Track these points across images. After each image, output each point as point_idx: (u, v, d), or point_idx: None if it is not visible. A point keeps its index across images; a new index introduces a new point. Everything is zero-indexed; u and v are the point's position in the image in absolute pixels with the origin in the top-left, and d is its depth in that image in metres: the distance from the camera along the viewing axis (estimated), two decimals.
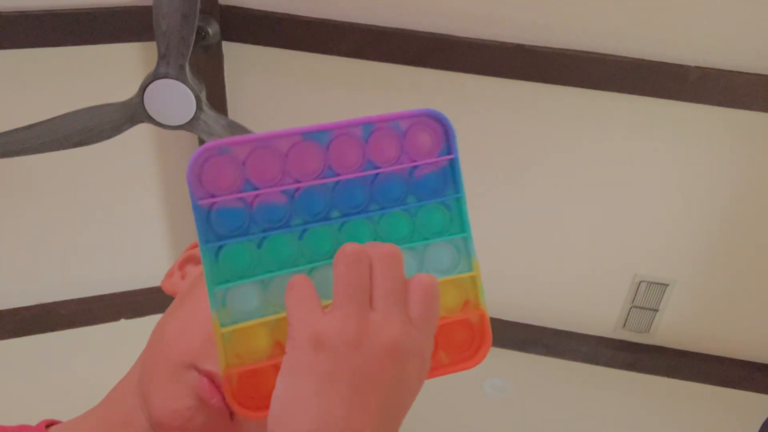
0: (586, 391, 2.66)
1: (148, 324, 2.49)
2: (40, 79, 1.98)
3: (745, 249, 2.12)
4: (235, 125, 1.76)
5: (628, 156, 2.01)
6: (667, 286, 2.24)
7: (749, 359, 2.36)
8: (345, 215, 0.51)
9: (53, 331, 2.45)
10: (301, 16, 1.88)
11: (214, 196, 0.49)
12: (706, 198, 2.04)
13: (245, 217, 0.50)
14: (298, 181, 0.50)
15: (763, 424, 2.49)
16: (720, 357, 2.37)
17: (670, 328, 2.36)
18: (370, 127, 0.50)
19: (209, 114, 1.76)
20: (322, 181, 0.50)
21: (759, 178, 1.97)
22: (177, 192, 2.31)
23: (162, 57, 1.67)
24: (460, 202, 0.53)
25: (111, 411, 0.66)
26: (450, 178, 0.52)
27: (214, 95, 1.98)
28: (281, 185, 0.50)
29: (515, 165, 2.09)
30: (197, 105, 1.74)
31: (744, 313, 2.27)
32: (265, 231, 0.50)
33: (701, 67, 1.78)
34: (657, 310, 2.31)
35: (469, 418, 2.90)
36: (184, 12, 1.60)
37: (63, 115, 1.73)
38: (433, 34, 1.85)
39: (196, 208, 0.48)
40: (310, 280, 0.48)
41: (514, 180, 2.12)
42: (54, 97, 1.96)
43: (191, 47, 1.66)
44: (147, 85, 1.70)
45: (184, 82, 1.70)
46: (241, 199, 0.49)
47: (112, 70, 1.99)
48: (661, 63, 1.79)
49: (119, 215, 2.32)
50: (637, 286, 2.26)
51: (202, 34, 1.84)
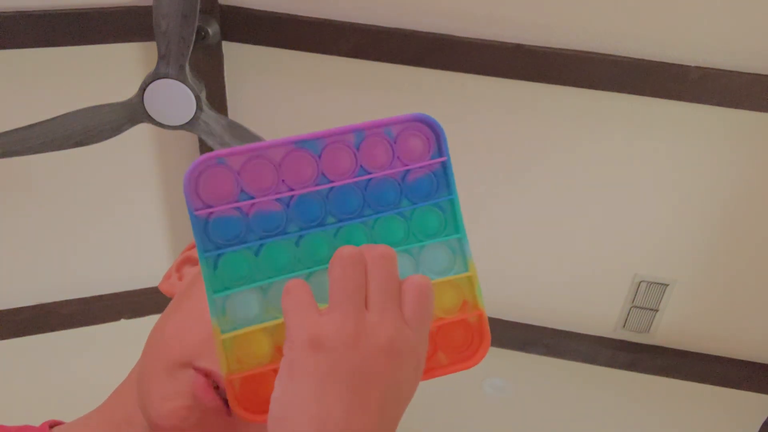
0: (586, 391, 2.66)
1: (148, 324, 2.49)
2: (40, 79, 1.98)
3: (745, 249, 2.12)
4: (235, 125, 1.76)
5: (628, 156, 2.01)
6: (667, 286, 2.24)
7: (749, 359, 2.36)
8: (340, 221, 0.52)
9: (53, 331, 2.45)
10: (301, 16, 1.88)
11: (210, 207, 0.50)
12: (706, 198, 2.04)
13: (242, 226, 0.51)
14: (292, 189, 0.51)
15: (763, 424, 2.49)
16: (720, 357, 2.37)
17: (670, 328, 2.36)
18: (361, 134, 0.51)
19: (209, 114, 1.76)
20: (316, 188, 0.51)
21: (759, 178, 1.97)
22: (177, 192, 2.31)
23: (162, 57, 1.67)
24: (453, 203, 0.53)
25: (113, 411, 0.67)
26: (443, 180, 0.53)
27: (214, 95, 1.98)
28: (276, 193, 0.51)
29: (515, 165, 2.09)
30: (197, 105, 1.74)
31: (744, 313, 2.27)
32: (262, 238, 0.51)
33: (701, 67, 1.78)
34: (657, 310, 2.31)
35: (469, 418, 2.90)
36: (184, 12, 1.60)
37: (63, 115, 1.73)
38: (433, 34, 1.85)
39: (194, 219, 0.49)
40: (306, 284, 0.49)
41: (514, 180, 2.12)
42: (54, 97, 1.96)
43: (191, 47, 1.66)
44: (147, 85, 1.71)
45: (184, 82, 1.70)
46: (237, 208, 0.50)
47: (112, 70, 1.99)
48: (661, 63, 1.79)
49: (119, 215, 2.32)
50: (637, 286, 2.26)
51: (202, 34, 1.84)
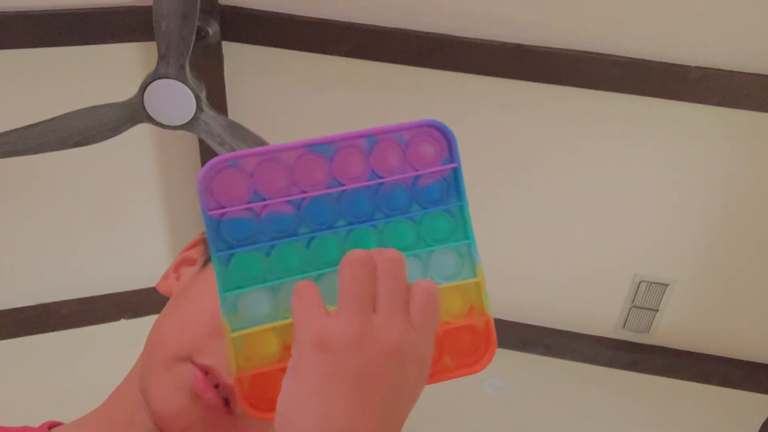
0: (586, 391, 2.66)
1: (148, 324, 2.49)
2: (40, 79, 1.98)
3: (745, 249, 2.12)
4: (235, 125, 1.76)
5: (628, 156, 2.01)
6: (667, 286, 2.24)
7: (749, 359, 2.36)
8: (350, 224, 0.52)
9: (53, 331, 2.45)
10: (301, 16, 1.88)
11: (224, 207, 0.51)
12: (706, 198, 2.04)
13: (254, 227, 0.51)
14: (304, 192, 0.51)
15: (763, 424, 2.49)
16: (720, 357, 2.38)
17: (670, 328, 2.36)
18: (373, 138, 0.52)
19: (209, 114, 1.76)
20: (327, 191, 0.51)
21: (759, 178, 1.97)
22: (177, 192, 2.31)
23: (162, 57, 1.67)
24: (463, 209, 0.54)
25: (113, 411, 0.67)
26: (453, 186, 0.54)
27: (214, 95, 1.98)
28: (288, 196, 0.51)
29: (515, 165, 2.09)
30: (197, 105, 1.74)
31: (744, 313, 2.27)
32: (273, 240, 0.52)
33: (701, 67, 1.78)
34: (657, 310, 2.31)
35: (469, 418, 2.90)
36: (184, 12, 1.60)
37: (63, 115, 1.73)
38: (433, 34, 1.85)
39: (207, 219, 0.50)
40: (315, 286, 0.49)
41: (514, 180, 2.12)
42: (54, 97, 1.96)
43: (191, 47, 1.66)
44: (147, 85, 1.71)
45: (184, 82, 1.70)
46: (249, 209, 0.51)
47: (112, 70, 1.99)
48: (661, 63, 1.79)
49: (119, 215, 2.32)
50: (637, 286, 2.26)
51: (202, 34, 1.84)
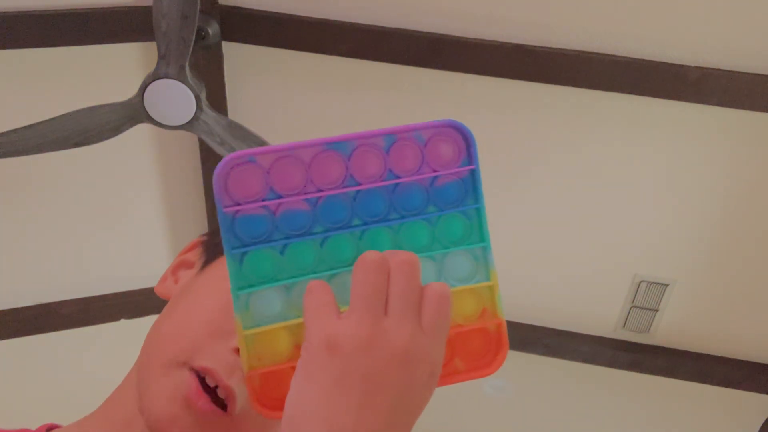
0: (586, 391, 2.66)
1: (148, 324, 2.48)
2: (40, 79, 1.98)
3: (745, 249, 2.12)
4: (235, 125, 1.76)
5: (627, 156, 2.01)
6: (667, 286, 2.24)
7: (749, 359, 2.36)
8: (366, 223, 0.52)
9: (53, 331, 2.45)
10: (301, 16, 1.88)
11: (239, 204, 0.50)
12: (706, 198, 2.04)
13: (269, 224, 0.51)
14: (320, 190, 0.51)
15: (763, 424, 2.49)
16: (720, 357, 2.37)
17: (670, 328, 2.36)
18: (392, 137, 0.51)
19: (209, 114, 1.76)
20: (343, 190, 0.51)
21: (759, 178, 1.97)
22: (177, 192, 2.31)
23: (162, 57, 1.67)
24: (480, 212, 0.53)
25: (111, 414, 0.67)
26: (470, 187, 0.53)
27: (214, 95, 1.98)
28: (304, 193, 0.51)
29: (515, 165, 2.09)
30: (197, 105, 1.74)
31: (744, 313, 2.26)
32: (287, 237, 0.51)
33: (701, 67, 1.78)
34: (657, 310, 2.31)
35: (469, 418, 2.90)
36: (184, 12, 1.60)
37: (63, 115, 1.73)
38: (433, 34, 1.85)
39: (222, 216, 0.50)
40: (328, 286, 0.49)
41: (514, 180, 2.12)
42: (54, 97, 1.96)
43: (191, 47, 1.66)
44: (147, 85, 1.71)
45: (184, 82, 1.70)
46: (265, 206, 0.51)
47: (112, 70, 1.99)
48: (661, 63, 1.79)
49: (119, 215, 2.32)
50: (637, 286, 2.26)
51: (202, 34, 1.84)
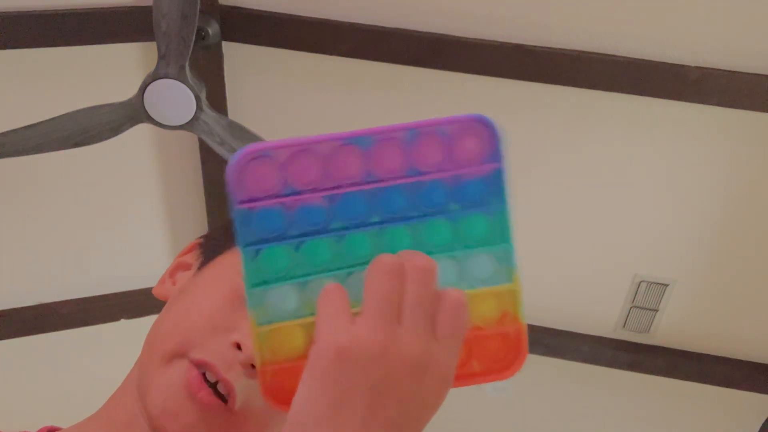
0: (586, 391, 2.66)
1: (148, 324, 2.48)
2: (40, 79, 1.98)
3: (745, 249, 2.12)
4: (235, 125, 1.76)
5: (627, 156, 2.01)
6: (667, 286, 2.24)
7: (749, 359, 2.36)
8: (384, 220, 0.50)
9: (53, 331, 2.44)
10: (301, 16, 1.88)
11: (254, 199, 0.48)
12: (706, 198, 2.04)
13: (285, 220, 0.49)
14: (338, 185, 0.49)
15: (763, 424, 2.49)
16: (720, 357, 2.37)
17: (670, 328, 2.36)
18: (415, 131, 0.49)
19: (209, 114, 1.76)
20: (364, 187, 0.49)
21: (759, 178, 1.97)
22: (177, 192, 2.31)
23: (162, 57, 1.67)
24: (504, 212, 0.52)
25: (112, 415, 0.67)
26: (495, 186, 0.51)
27: (214, 95, 1.98)
28: (322, 188, 0.49)
29: (515, 165, 2.07)
30: (197, 105, 1.74)
31: (744, 313, 2.26)
32: (304, 234, 0.49)
33: (701, 67, 1.78)
34: (657, 310, 2.31)
35: (469, 418, 2.90)
36: (184, 12, 1.61)
37: (63, 115, 1.73)
38: (433, 34, 1.85)
39: (237, 211, 0.48)
40: (344, 291, 0.48)
41: (513, 180, 2.11)
42: (54, 97, 1.96)
43: (191, 47, 1.66)
44: (147, 85, 1.71)
45: (184, 82, 1.70)
46: (281, 202, 0.49)
47: (112, 70, 1.99)
48: (661, 63, 1.79)
49: (119, 215, 2.32)
50: (637, 286, 2.26)
51: (202, 34, 1.84)
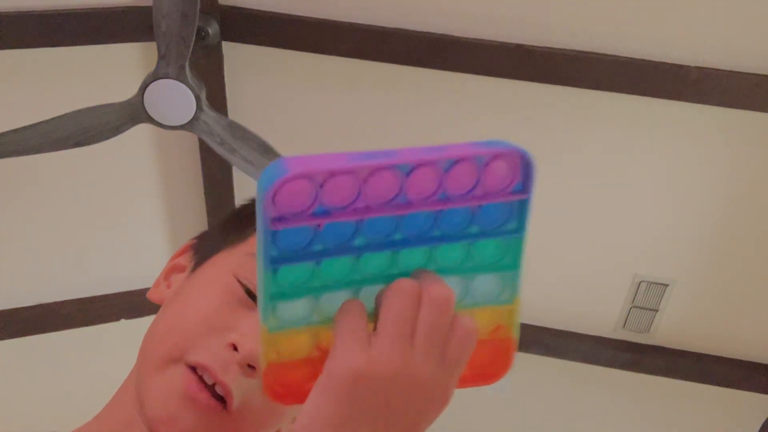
0: (586, 391, 2.66)
1: (148, 324, 2.48)
2: (40, 79, 1.98)
3: (744, 249, 2.12)
4: (235, 125, 1.76)
5: (627, 156, 2.01)
6: (667, 286, 2.24)
7: (749, 359, 2.36)
8: (407, 239, 0.50)
9: (53, 331, 2.44)
10: (301, 16, 1.88)
11: (284, 217, 0.47)
12: (706, 198, 2.04)
13: (311, 237, 0.49)
14: (368, 205, 0.48)
15: (763, 424, 2.49)
16: (720, 357, 2.37)
17: (670, 328, 2.36)
18: (454, 161, 0.49)
19: (209, 114, 1.76)
20: (396, 212, 0.49)
21: (759, 178, 1.97)
22: (177, 192, 2.31)
23: (162, 57, 1.67)
24: (521, 240, 0.52)
25: (112, 417, 0.67)
26: (519, 215, 0.52)
27: (214, 95, 1.98)
28: (354, 209, 0.48)
29: None
30: (197, 105, 1.74)
31: (744, 313, 2.26)
32: (326, 249, 0.49)
33: (701, 67, 1.78)
34: (657, 310, 2.31)
35: (469, 418, 2.90)
36: (184, 12, 1.61)
37: (63, 115, 1.73)
38: (433, 34, 1.85)
39: (266, 232, 0.47)
40: (363, 307, 0.49)
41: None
42: (54, 97, 1.96)
43: (191, 47, 1.66)
44: (147, 85, 1.71)
45: (184, 82, 1.70)
46: (311, 221, 0.48)
47: (112, 70, 1.99)
48: (661, 63, 1.79)
49: (119, 215, 2.32)
50: (637, 286, 2.26)
51: (202, 34, 1.84)
